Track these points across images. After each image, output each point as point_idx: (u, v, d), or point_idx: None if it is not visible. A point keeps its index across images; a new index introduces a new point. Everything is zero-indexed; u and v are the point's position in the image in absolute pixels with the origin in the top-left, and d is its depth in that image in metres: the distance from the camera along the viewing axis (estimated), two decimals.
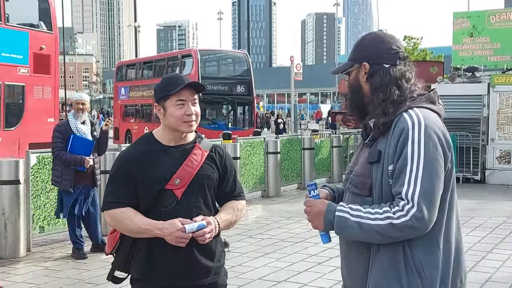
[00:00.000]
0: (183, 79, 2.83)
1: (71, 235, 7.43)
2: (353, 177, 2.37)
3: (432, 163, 2.16)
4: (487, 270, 6.66)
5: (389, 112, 2.26)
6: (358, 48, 2.43)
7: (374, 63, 2.34)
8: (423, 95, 2.34)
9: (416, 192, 2.13)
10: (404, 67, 2.35)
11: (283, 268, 6.77)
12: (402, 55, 2.37)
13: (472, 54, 15.67)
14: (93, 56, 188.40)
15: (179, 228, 2.66)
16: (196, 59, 22.70)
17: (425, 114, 2.24)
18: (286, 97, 68.37)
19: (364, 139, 2.43)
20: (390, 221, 2.14)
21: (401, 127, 2.21)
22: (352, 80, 2.42)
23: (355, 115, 2.46)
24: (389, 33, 2.47)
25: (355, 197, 2.34)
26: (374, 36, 2.43)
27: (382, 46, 2.36)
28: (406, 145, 2.17)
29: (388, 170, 2.22)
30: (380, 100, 2.29)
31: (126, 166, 2.82)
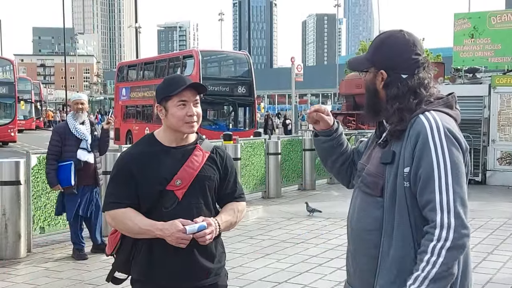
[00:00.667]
0: (184, 80, 2.83)
1: (72, 236, 7.43)
2: (365, 176, 2.36)
3: (458, 166, 2.14)
4: (488, 272, 6.66)
5: (406, 119, 2.23)
6: (378, 51, 2.36)
7: (392, 72, 2.30)
8: (441, 98, 2.30)
9: (450, 199, 2.11)
10: (422, 74, 2.30)
11: (283, 269, 6.77)
12: (422, 62, 2.31)
13: (473, 55, 15.65)
14: (94, 57, 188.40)
15: (180, 229, 2.66)
16: (197, 60, 22.69)
17: (442, 117, 2.21)
18: (287, 98, 68.38)
19: (378, 137, 2.40)
20: (444, 250, 2.09)
21: (417, 129, 2.18)
22: (369, 82, 2.38)
23: (369, 115, 2.43)
24: (411, 35, 2.35)
25: (367, 197, 2.33)
26: (395, 42, 2.32)
27: (403, 55, 2.30)
28: (427, 149, 2.14)
29: (403, 172, 2.19)
30: (396, 109, 2.26)
31: (127, 167, 2.81)
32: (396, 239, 2.20)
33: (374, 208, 2.28)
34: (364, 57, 2.41)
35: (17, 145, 30.35)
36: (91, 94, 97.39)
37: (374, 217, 2.27)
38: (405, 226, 2.19)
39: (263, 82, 58.82)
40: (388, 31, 2.41)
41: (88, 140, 7.33)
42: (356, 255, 2.37)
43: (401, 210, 2.19)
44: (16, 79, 32.26)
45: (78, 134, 7.26)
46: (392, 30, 2.40)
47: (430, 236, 2.11)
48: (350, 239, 2.44)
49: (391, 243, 2.21)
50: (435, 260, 2.09)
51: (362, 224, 2.32)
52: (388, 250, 2.22)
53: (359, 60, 2.44)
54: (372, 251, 2.27)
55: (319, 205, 10.65)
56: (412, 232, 2.18)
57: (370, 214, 2.30)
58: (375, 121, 2.43)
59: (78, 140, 7.27)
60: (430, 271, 2.09)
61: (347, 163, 2.63)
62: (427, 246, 2.11)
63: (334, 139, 2.59)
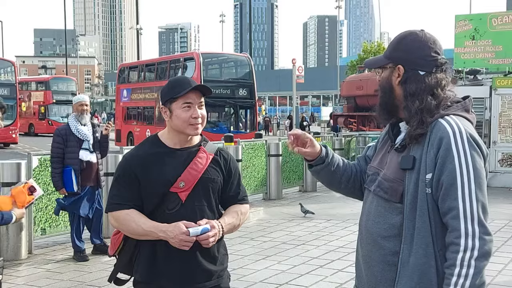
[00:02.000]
0: (190, 81, 2.83)
1: (72, 237, 7.43)
2: (382, 181, 2.30)
3: (480, 172, 2.12)
4: (489, 273, 6.65)
5: (426, 122, 2.19)
6: (396, 47, 2.33)
7: (409, 68, 2.26)
8: (459, 102, 2.27)
9: (474, 207, 2.08)
10: (440, 75, 2.27)
11: (284, 271, 6.77)
12: (440, 62, 2.28)
13: (474, 56, 15.64)
14: (95, 58, 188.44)
15: (183, 231, 2.66)
16: (198, 62, 22.71)
17: (463, 122, 2.19)
18: (288, 100, 68.35)
19: (392, 140, 2.35)
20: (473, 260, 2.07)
21: (440, 135, 2.15)
22: (384, 80, 2.33)
23: (383, 116, 2.37)
24: (431, 35, 2.33)
25: (384, 202, 2.28)
26: (415, 38, 2.29)
27: (421, 51, 2.27)
28: (450, 156, 2.12)
29: (426, 178, 2.15)
30: (417, 108, 2.21)
31: (130, 168, 2.81)
32: (417, 246, 2.15)
33: (393, 214, 2.24)
34: (382, 55, 2.38)
35: (18, 146, 30.36)
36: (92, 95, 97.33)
37: (393, 223, 2.23)
38: (426, 233, 2.15)
39: (264, 83, 58.81)
40: (409, 30, 2.37)
41: (90, 141, 7.35)
42: (370, 261, 2.31)
43: (422, 217, 2.15)
44: (17, 81, 32.27)
45: (80, 135, 7.29)
46: (412, 29, 2.37)
47: (455, 247, 2.09)
48: (363, 244, 2.37)
49: (411, 250, 2.17)
50: (466, 272, 2.06)
51: (379, 229, 2.27)
52: (408, 258, 2.17)
53: (377, 58, 2.41)
54: (389, 257, 2.23)
55: (320, 206, 10.66)
56: (433, 239, 2.15)
57: (387, 220, 2.25)
58: (388, 121, 2.37)
59: (80, 141, 7.29)
60: (463, 284, 2.06)
61: (352, 179, 2.55)
62: (454, 259, 2.08)
63: (329, 165, 2.51)
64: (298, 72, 31.27)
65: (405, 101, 2.25)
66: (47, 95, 40.98)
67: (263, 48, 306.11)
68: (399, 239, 2.20)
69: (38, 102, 41.69)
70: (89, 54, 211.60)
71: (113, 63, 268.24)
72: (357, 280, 2.44)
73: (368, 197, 2.39)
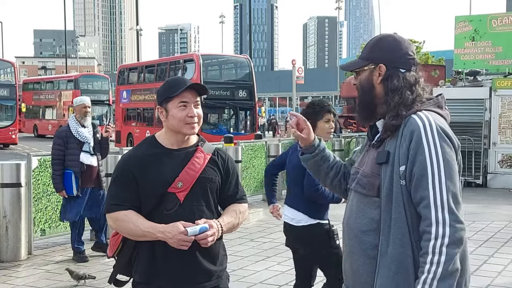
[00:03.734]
0: (185, 81, 2.84)
1: (72, 239, 7.43)
2: (361, 177, 2.38)
3: (451, 163, 2.19)
4: (489, 275, 6.65)
5: (401, 115, 2.28)
6: (374, 48, 2.42)
7: (391, 66, 2.36)
8: (431, 99, 2.37)
9: (444, 196, 2.15)
10: (416, 74, 2.38)
11: (284, 272, 6.77)
12: (416, 61, 2.40)
13: (474, 58, 15.65)
14: (95, 59, 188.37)
15: (181, 231, 2.66)
16: (198, 64, 22.73)
17: (435, 117, 2.27)
18: (288, 101, 68.38)
19: (370, 140, 2.43)
20: (444, 247, 2.12)
21: (411, 128, 2.23)
22: (364, 80, 2.41)
23: (363, 115, 2.45)
24: (404, 37, 2.46)
25: (363, 198, 2.35)
26: (393, 39, 2.42)
27: (400, 50, 2.38)
28: (421, 147, 2.19)
29: (399, 170, 2.23)
30: (396, 103, 2.30)
31: (128, 169, 2.81)
32: (394, 237, 2.22)
33: (371, 208, 2.31)
34: (359, 58, 2.47)
35: (18, 147, 30.36)
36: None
37: (371, 217, 2.30)
38: (402, 224, 2.22)
39: (264, 84, 58.82)
40: (383, 33, 2.53)
41: (91, 143, 7.34)
42: (352, 256, 2.38)
43: (398, 208, 2.23)
44: (17, 81, 32.25)
45: (80, 138, 7.26)
46: (386, 33, 2.51)
47: (427, 235, 2.15)
48: (345, 241, 2.45)
49: (389, 241, 2.23)
50: (438, 259, 2.12)
51: (359, 224, 2.34)
52: (386, 249, 2.24)
53: (353, 61, 2.50)
54: (370, 251, 2.29)
55: None
56: (409, 230, 2.22)
57: (367, 214, 2.32)
58: (369, 121, 2.44)
59: (81, 143, 7.26)
60: (436, 271, 2.12)
61: (338, 177, 2.65)
62: (427, 247, 2.15)
63: (317, 155, 2.60)
64: (298, 73, 31.34)
65: (385, 97, 2.35)
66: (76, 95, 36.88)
67: (263, 49, 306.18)
68: (378, 233, 2.27)
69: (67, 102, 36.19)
70: (89, 55, 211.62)
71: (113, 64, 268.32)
72: (344, 278, 2.49)
73: (350, 196, 2.48)
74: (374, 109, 2.39)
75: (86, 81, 38.42)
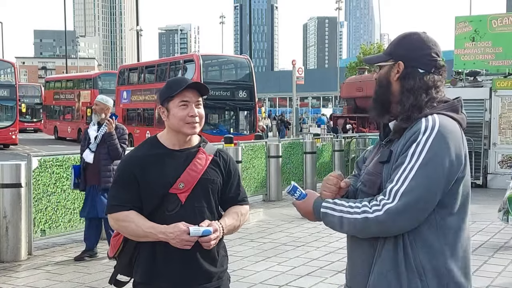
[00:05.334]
0: (187, 81, 2.83)
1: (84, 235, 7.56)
2: (364, 175, 2.39)
3: (431, 166, 2.13)
4: (489, 275, 6.65)
5: (413, 118, 2.24)
6: (398, 44, 2.38)
7: (410, 65, 2.31)
8: (446, 102, 2.31)
9: (401, 189, 2.13)
10: (437, 76, 2.32)
11: (284, 272, 6.77)
12: (439, 64, 2.34)
13: (474, 58, 15.65)
14: (95, 59, 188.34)
15: (184, 230, 2.65)
16: (198, 64, 22.74)
17: (443, 120, 2.21)
18: (288, 101, 68.35)
19: (381, 139, 2.41)
20: (366, 215, 2.16)
21: (415, 129, 2.20)
22: (382, 76, 2.38)
23: (376, 111, 2.41)
24: (433, 38, 2.38)
25: (365, 196, 2.34)
26: (417, 38, 2.36)
27: (423, 50, 2.32)
28: (412, 145, 2.17)
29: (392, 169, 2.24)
30: (410, 104, 2.26)
31: (129, 170, 2.81)
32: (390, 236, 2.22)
33: None
34: (383, 52, 2.44)
35: (18, 147, 30.36)
36: None
37: None
38: None
39: (264, 85, 58.77)
40: (412, 31, 2.44)
41: (92, 141, 7.37)
42: (352, 256, 2.40)
43: None
44: (17, 82, 32.22)
45: (87, 135, 7.47)
46: (415, 30, 2.44)
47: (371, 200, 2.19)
48: (348, 240, 2.46)
49: (384, 240, 2.23)
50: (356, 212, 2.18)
51: None
52: (382, 247, 2.24)
53: (377, 55, 2.46)
54: (367, 250, 2.29)
55: None
56: None
57: None
58: (381, 118, 2.40)
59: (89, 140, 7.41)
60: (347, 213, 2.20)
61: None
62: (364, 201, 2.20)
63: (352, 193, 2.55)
64: (298, 73, 31.32)
65: (400, 96, 2.30)
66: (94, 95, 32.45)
67: (263, 50, 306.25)
68: None
69: (86, 103, 34.07)
70: (89, 55, 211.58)
71: (113, 65, 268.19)
72: (346, 278, 2.49)
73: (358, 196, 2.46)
74: (388, 106, 2.35)
75: (105, 80, 35.76)
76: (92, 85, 35.02)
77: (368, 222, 2.16)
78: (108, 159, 7.35)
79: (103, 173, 7.33)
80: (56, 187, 7.95)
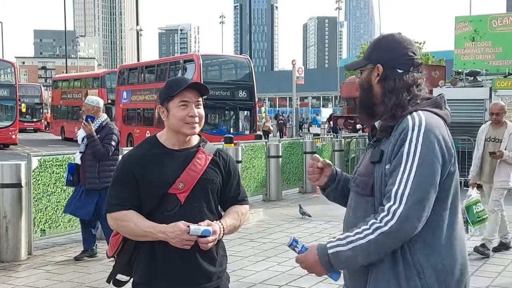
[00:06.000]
0: (187, 81, 2.83)
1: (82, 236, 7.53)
2: (357, 177, 2.41)
3: (427, 164, 2.17)
4: (489, 275, 6.65)
5: (397, 116, 2.28)
6: (374, 48, 2.43)
7: (388, 66, 2.35)
8: (429, 99, 2.35)
9: (406, 191, 2.14)
10: (417, 74, 2.37)
11: (284, 272, 6.77)
12: (417, 62, 2.38)
13: (474, 58, 15.65)
14: (95, 59, 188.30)
15: (184, 229, 2.65)
16: (198, 64, 22.73)
17: (428, 116, 2.25)
18: (288, 101, 68.36)
19: (370, 140, 2.45)
20: (380, 231, 2.15)
21: (402, 127, 2.23)
22: (364, 80, 2.43)
23: (364, 115, 2.46)
24: (408, 37, 2.43)
25: (358, 197, 2.37)
26: (392, 39, 2.41)
27: (399, 51, 2.36)
28: (403, 145, 2.19)
29: (385, 169, 2.24)
30: (393, 104, 2.30)
31: (129, 169, 2.81)
32: None
33: (366, 207, 2.32)
34: (362, 58, 2.48)
35: (18, 147, 30.36)
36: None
37: (365, 216, 2.30)
38: None
39: (264, 85, 58.77)
40: (386, 33, 2.51)
41: (80, 141, 7.36)
42: None
43: None
44: (17, 82, 32.20)
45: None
46: (390, 32, 2.50)
47: (376, 216, 2.18)
48: None
49: None
50: (367, 234, 2.16)
51: (355, 223, 2.34)
52: None
53: (356, 61, 2.52)
54: None
55: (319, 208, 10.65)
56: None
57: (362, 213, 2.33)
58: (370, 121, 2.45)
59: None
60: (357, 240, 2.17)
61: None
62: (369, 220, 2.19)
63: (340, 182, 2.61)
64: (298, 73, 31.32)
65: (383, 97, 2.35)
66: (102, 94, 31.99)
67: (263, 49, 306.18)
68: None
69: None
70: (89, 55, 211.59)
71: (113, 64, 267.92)
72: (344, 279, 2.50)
73: (350, 196, 2.49)
74: (373, 109, 2.39)
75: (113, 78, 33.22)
76: (100, 84, 34.13)
77: (385, 236, 2.14)
78: (93, 160, 7.21)
79: (87, 173, 7.19)
80: (56, 187, 7.95)
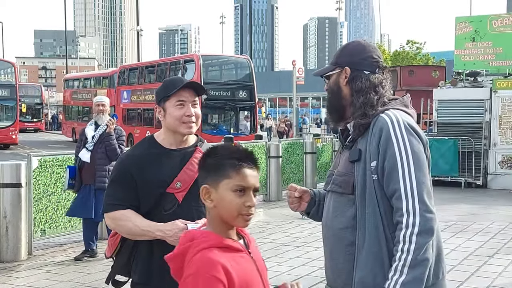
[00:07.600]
0: (183, 81, 2.84)
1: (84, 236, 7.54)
2: (336, 177, 2.48)
3: (419, 155, 2.29)
4: (489, 276, 6.65)
5: (369, 115, 2.39)
6: (341, 53, 2.57)
7: (355, 68, 2.48)
8: (397, 99, 2.48)
9: (414, 186, 2.24)
10: (381, 76, 2.49)
11: (284, 273, 6.77)
12: (381, 64, 2.52)
13: (474, 58, 15.65)
14: (95, 59, 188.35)
15: (182, 228, 2.65)
16: (198, 64, 22.73)
17: (401, 114, 2.38)
18: (288, 101, 68.32)
19: (342, 142, 2.54)
20: (413, 236, 2.21)
21: (380, 126, 2.33)
22: (332, 83, 2.54)
23: (333, 117, 2.58)
24: (371, 43, 2.61)
25: (339, 197, 2.43)
26: (357, 44, 2.57)
27: (364, 54, 2.50)
28: (390, 142, 2.30)
29: (371, 166, 2.32)
30: (361, 103, 2.41)
31: (127, 169, 2.81)
32: (369, 231, 2.31)
33: (347, 205, 2.39)
34: (329, 64, 2.62)
35: (18, 147, 30.37)
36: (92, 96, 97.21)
37: (348, 215, 2.38)
38: (376, 217, 2.30)
39: (264, 85, 58.65)
40: (349, 41, 2.72)
41: (89, 140, 7.37)
42: (332, 255, 2.46)
43: (371, 202, 2.32)
44: (17, 82, 32.20)
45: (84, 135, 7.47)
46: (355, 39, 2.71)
47: (400, 225, 2.24)
48: (325, 240, 2.54)
49: (365, 235, 2.31)
50: (408, 247, 2.21)
51: (337, 223, 2.43)
52: (363, 243, 2.32)
53: (324, 68, 2.64)
54: (349, 248, 2.37)
55: None
56: (383, 223, 2.30)
57: (343, 212, 2.40)
58: (339, 124, 2.56)
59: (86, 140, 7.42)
60: (406, 258, 2.21)
61: None
62: (399, 235, 2.24)
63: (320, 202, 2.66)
64: (298, 73, 31.25)
65: (351, 98, 2.46)
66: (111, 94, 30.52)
67: (263, 50, 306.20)
68: (355, 229, 2.35)
69: None
70: (89, 55, 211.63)
71: (113, 65, 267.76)
72: (327, 279, 2.56)
73: (327, 197, 2.56)
74: (343, 111, 2.51)
75: None
76: (109, 83, 33.05)
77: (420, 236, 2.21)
78: (104, 159, 7.31)
79: (98, 172, 7.27)
80: (56, 187, 7.95)
